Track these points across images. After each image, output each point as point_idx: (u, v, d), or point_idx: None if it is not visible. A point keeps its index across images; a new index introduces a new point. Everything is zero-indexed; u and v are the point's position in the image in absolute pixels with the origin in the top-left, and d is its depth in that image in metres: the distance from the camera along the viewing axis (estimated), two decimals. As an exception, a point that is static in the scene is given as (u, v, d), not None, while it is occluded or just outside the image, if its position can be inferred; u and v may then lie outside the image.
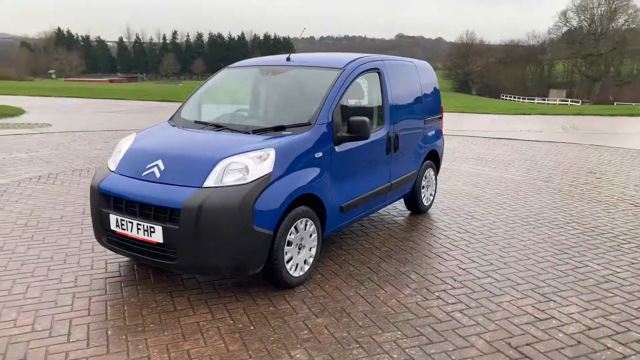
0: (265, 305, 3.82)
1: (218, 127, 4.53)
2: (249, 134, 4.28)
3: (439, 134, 6.61)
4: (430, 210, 6.59)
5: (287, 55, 5.26)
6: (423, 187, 6.32)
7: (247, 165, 3.78)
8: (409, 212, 6.51)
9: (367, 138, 4.54)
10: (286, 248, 3.97)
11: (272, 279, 4.00)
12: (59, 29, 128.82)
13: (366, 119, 4.45)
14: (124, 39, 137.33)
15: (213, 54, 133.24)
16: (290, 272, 4.05)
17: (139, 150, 4.24)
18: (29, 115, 17.57)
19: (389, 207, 6.68)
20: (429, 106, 6.25)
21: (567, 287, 4.26)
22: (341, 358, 3.13)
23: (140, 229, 3.79)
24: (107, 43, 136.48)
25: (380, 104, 5.25)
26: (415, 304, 3.91)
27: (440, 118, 6.66)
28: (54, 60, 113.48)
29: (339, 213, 4.60)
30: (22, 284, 4.08)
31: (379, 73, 5.25)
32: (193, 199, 3.60)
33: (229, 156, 3.84)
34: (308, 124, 4.31)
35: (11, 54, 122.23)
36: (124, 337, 3.32)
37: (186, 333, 3.39)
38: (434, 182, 6.63)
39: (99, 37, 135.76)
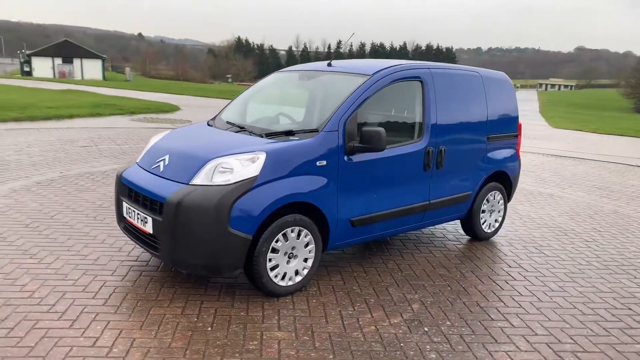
0: (239, 310, 3.78)
1: (241, 128, 4.60)
2: (262, 137, 4.27)
3: (512, 154, 5.90)
4: (495, 239, 5.91)
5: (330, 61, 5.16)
6: (483, 211, 5.69)
7: (234, 167, 3.78)
8: (467, 237, 5.91)
9: (380, 150, 4.24)
10: (270, 255, 3.88)
11: (254, 284, 3.95)
12: (238, 37, 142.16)
13: (381, 130, 4.16)
14: (293, 48, 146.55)
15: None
16: (275, 281, 3.95)
17: (158, 145, 4.51)
18: (180, 112, 19.65)
19: (446, 229, 6.15)
20: (496, 122, 5.62)
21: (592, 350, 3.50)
22: (267, 376, 2.98)
23: (139, 218, 4.02)
24: (279, 51, 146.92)
25: (420, 115, 4.86)
26: (393, 334, 3.54)
27: (516, 136, 5.93)
28: (232, 65, 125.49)
29: (349, 227, 4.36)
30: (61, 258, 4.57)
31: (421, 82, 4.86)
32: (176, 194, 3.72)
33: (219, 156, 3.88)
34: (315, 130, 4.17)
35: (199, 59, 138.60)
36: (93, 316, 3.55)
37: (146, 323, 3.50)
38: (502, 207, 5.93)
39: (271, 46, 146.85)
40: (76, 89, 29.28)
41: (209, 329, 3.48)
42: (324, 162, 4.10)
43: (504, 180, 5.91)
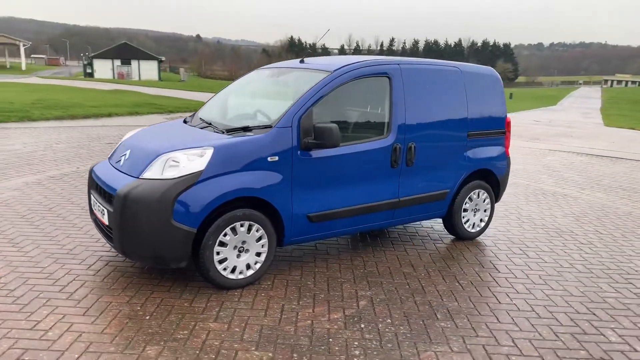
0: (184, 301, 3.89)
1: (208, 124, 4.72)
2: (223, 132, 4.37)
3: (499, 152, 5.71)
4: (481, 238, 5.75)
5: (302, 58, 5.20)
6: (465, 209, 5.55)
7: (180, 162, 3.90)
8: (452, 236, 5.78)
9: (333, 146, 4.24)
10: (218, 248, 3.97)
11: (202, 276, 4.05)
12: (291, 37, 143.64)
13: (333, 126, 4.17)
14: (345, 46, 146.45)
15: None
16: (224, 274, 4.04)
17: (126, 141, 4.70)
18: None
19: (433, 227, 6.03)
20: (478, 118, 5.46)
21: None
22: (181, 364, 3.07)
23: (99, 210, 4.22)
24: (331, 50, 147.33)
25: (387, 111, 4.80)
26: (326, 330, 3.55)
27: (503, 133, 5.74)
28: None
29: (307, 223, 4.39)
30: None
31: (389, 78, 4.80)
32: (125, 187, 3.87)
33: (170, 151, 4.01)
34: (269, 126, 4.22)
35: (254, 59, 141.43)
36: (44, 301, 3.76)
37: (91, 310, 3.68)
38: (489, 207, 5.75)
39: (324, 45, 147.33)
40: (124, 89, 30.67)
41: (147, 317, 3.61)
42: (276, 158, 4.14)
43: (490, 179, 5.74)
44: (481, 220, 5.74)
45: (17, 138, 11.21)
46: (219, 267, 4.02)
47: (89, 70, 61.46)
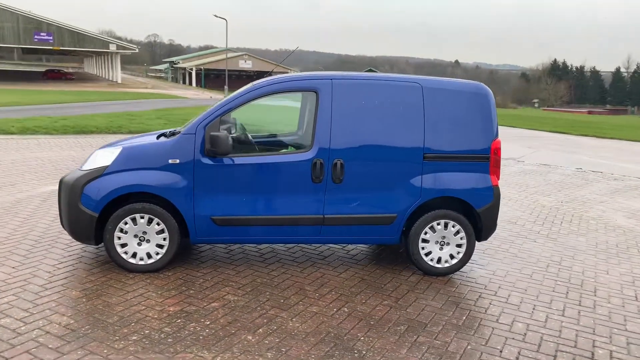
0: (106, 274, 4.67)
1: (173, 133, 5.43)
2: (166, 136, 5.04)
3: (477, 180, 4.95)
4: (461, 276, 5.06)
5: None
6: (426, 240, 4.98)
7: (97, 157, 4.73)
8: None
9: (224, 154, 4.53)
10: (119, 234, 4.65)
11: (108, 254, 4.74)
12: (554, 60, 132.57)
13: (222, 134, 4.47)
14: (622, 69, 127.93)
15: None
16: (124, 257, 4.68)
17: None
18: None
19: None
20: (442, 139, 4.87)
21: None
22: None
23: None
24: (601, 73, 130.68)
25: (311, 126, 4.76)
26: (143, 314, 3.88)
27: (485, 159, 4.94)
28: (542, 89, 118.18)
29: (212, 224, 4.71)
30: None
31: (316, 93, 4.76)
32: (65, 175, 4.88)
33: (101, 148, 4.87)
34: (178, 132, 4.73)
35: (511, 84, 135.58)
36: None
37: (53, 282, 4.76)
38: (463, 242, 5.00)
39: (593, 68, 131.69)
40: None
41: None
42: (177, 161, 4.62)
43: (465, 210, 5.00)
44: (451, 257, 5.04)
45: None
46: (120, 251, 4.68)
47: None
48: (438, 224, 4.97)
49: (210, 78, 71.51)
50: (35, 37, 50.43)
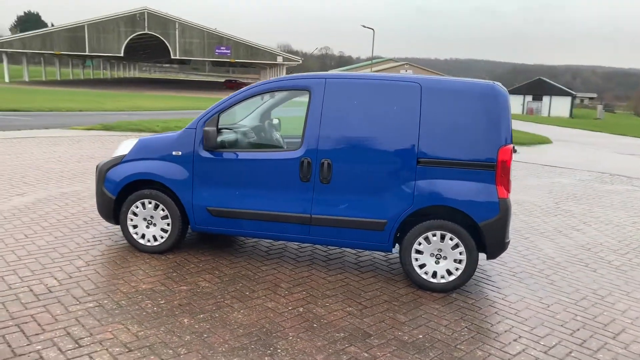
0: (114, 247, 5.30)
1: None
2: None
3: (479, 189, 4.46)
4: (460, 294, 4.64)
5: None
6: (419, 251, 4.64)
7: (120, 146, 5.33)
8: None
9: (208, 148, 4.78)
10: (131, 216, 5.19)
11: (122, 233, 5.30)
12: None
13: (209, 129, 4.75)
14: None
15: None
16: (135, 237, 5.20)
17: None
18: (536, 148, 18.86)
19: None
20: (440, 144, 4.49)
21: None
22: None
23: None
24: None
25: (302, 125, 4.77)
26: (151, 290, 4.31)
27: (490, 167, 4.42)
28: None
29: (207, 215, 5.01)
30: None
31: (309, 92, 4.75)
32: (101, 161, 5.59)
33: (130, 139, 5.48)
34: (184, 127, 5.13)
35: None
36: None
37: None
38: (463, 257, 4.55)
39: None
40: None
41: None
42: (179, 153, 5.01)
43: (467, 223, 4.54)
44: (449, 273, 4.61)
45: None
46: (132, 231, 5.21)
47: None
48: (434, 235, 4.59)
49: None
50: (216, 51, 56.82)
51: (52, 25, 62.35)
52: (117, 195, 5.18)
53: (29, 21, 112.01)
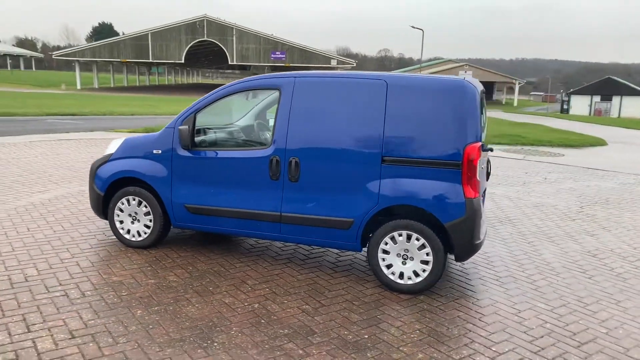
0: (108, 244, 5.57)
1: None
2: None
3: (444, 189, 4.32)
4: (428, 296, 4.52)
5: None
6: (386, 251, 4.56)
7: (110, 145, 5.59)
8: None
9: (183, 147, 4.91)
10: (117, 212, 5.43)
11: (110, 227, 5.54)
12: None
13: (182, 128, 4.89)
14: None
15: None
16: (121, 232, 5.44)
17: None
18: (594, 150, 17.86)
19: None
20: (404, 142, 4.40)
21: None
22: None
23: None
24: None
25: (272, 124, 4.81)
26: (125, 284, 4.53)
27: (455, 166, 4.28)
28: None
29: (185, 212, 5.15)
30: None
31: (279, 92, 4.79)
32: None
33: (118, 138, 5.73)
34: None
35: None
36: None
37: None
38: (430, 259, 4.42)
39: None
40: (534, 122, 30.14)
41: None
42: (159, 151, 5.19)
43: (433, 223, 4.42)
44: (415, 274, 4.50)
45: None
46: (118, 226, 5.45)
47: (565, 107, 61.41)
48: (400, 235, 4.49)
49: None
50: (272, 56, 57.90)
51: (123, 34, 65.57)
52: (104, 191, 5.43)
53: (102, 32, 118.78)
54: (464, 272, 5.16)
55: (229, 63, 60.77)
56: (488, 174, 5.10)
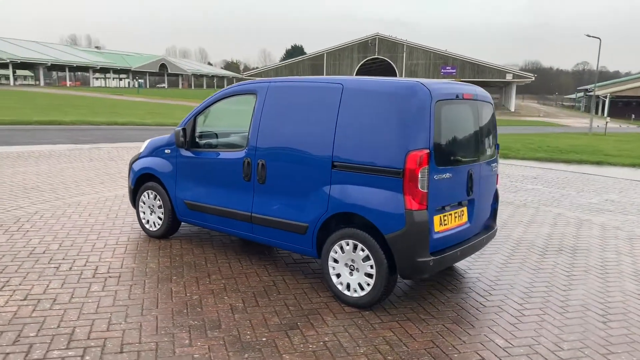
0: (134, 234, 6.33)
1: None
2: None
3: (385, 198, 4.00)
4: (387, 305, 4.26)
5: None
6: (335, 260, 4.38)
7: (143, 145, 6.31)
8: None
9: (178, 146, 5.36)
10: (141, 204, 6.11)
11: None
12: None
13: (176, 130, 5.34)
14: None
15: None
16: (143, 222, 6.10)
17: None
18: None
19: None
20: (352, 147, 4.20)
21: None
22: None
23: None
24: None
25: (248, 127, 4.98)
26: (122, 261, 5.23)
27: (397, 174, 3.93)
28: None
29: (184, 206, 5.59)
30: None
31: (255, 96, 4.95)
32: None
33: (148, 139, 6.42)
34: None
35: None
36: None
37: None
38: (373, 272, 4.12)
39: None
40: None
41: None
42: (169, 151, 5.74)
43: (379, 234, 4.12)
44: (360, 287, 4.23)
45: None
46: (141, 217, 6.13)
47: None
48: (347, 244, 4.28)
49: (618, 106, 63.10)
50: (442, 70, 56.93)
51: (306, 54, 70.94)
52: (134, 185, 6.15)
53: (294, 53, 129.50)
54: (446, 299, 4.64)
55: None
56: (470, 189, 4.52)
